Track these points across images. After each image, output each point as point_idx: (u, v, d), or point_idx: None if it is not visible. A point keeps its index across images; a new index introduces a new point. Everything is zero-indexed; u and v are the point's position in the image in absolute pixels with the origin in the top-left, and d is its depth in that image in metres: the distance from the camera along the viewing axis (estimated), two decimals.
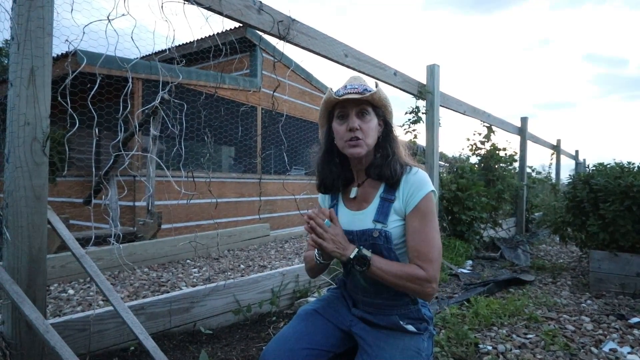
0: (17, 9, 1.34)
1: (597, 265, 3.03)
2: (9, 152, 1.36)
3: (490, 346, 1.98)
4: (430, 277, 1.05)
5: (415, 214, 1.10)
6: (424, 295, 1.09)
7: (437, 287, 1.08)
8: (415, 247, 1.08)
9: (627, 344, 2.03)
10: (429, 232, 1.09)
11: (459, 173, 4.56)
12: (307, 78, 8.36)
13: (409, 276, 1.04)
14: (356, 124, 1.15)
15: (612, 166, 3.31)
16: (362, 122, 1.16)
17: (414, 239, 1.09)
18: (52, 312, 2.48)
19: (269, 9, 2.13)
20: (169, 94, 1.91)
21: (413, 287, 1.06)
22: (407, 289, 1.08)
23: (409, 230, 1.11)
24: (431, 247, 1.07)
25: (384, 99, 1.19)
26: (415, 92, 3.71)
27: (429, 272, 1.04)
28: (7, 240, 1.35)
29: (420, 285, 1.05)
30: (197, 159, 5.56)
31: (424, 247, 1.07)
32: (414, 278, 1.04)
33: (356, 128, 1.14)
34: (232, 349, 1.93)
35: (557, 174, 9.03)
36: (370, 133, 1.17)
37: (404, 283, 1.05)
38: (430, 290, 1.06)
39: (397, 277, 1.05)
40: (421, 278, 1.04)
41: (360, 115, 1.16)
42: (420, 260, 1.06)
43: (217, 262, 4.07)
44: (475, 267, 3.85)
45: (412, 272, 1.05)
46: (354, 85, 1.17)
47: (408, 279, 1.04)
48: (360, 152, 1.16)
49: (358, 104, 1.16)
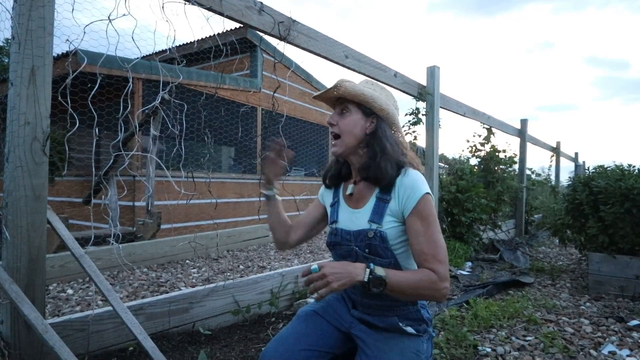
0: (18, 9, 1.34)
1: (597, 268, 3.03)
2: (8, 151, 1.36)
3: (489, 348, 1.98)
4: (443, 277, 1.02)
5: (416, 217, 1.08)
6: (439, 297, 1.04)
7: (450, 286, 1.08)
8: (422, 250, 1.06)
9: (626, 347, 2.03)
10: (433, 233, 1.07)
11: (459, 175, 4.56)
12: (308, 79, 8.36)
13: (425, 283, 1.01)
14: (333, 120, 1.17)
15: (613, 169, 3.31)
16: (340, 118, 1.18)
17: (419, 242, 1.07)
18: (51, 311, 2.48)
19: (269, 9, 2.13)
20: (169, 94, 1.91)
21: (429, 293, 1.02)
22: (424, 297, 1.06)
23: (412, 234, 1.09)
24: (438, 247, 1.06)
25: (357, 94, 1.13)
26: (416, 94, 3.71)
27: (440, 273, 1.02)
28: (6, 240, 1.35)
29: (436, 289, 1.02)
30: (197, 159, 5.55)
31: (431, 249, 1.05)
32: (429, 283, 1.01)
33: (332, 123, 1.17)
34: (231, 349, 1.92)
35: (556, 176, 9.03)
36: (346, 129, 1.15)
37: (422, 291, 1.02)
38: (445, 291, 1.03)
39: (414, 287, 1.01)
40: (436, 281, 1.01)
41: (340, 112, 1.19)
42: (430, 263, 1.04)
43: (217, 262, 4.07)
44: (474, 268, 3.84)
45: (427, 277, 1.01)
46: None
47: (425, 286, 1.01)
48: (336, 151, 1.18)
49: (341, 102, 1.18)
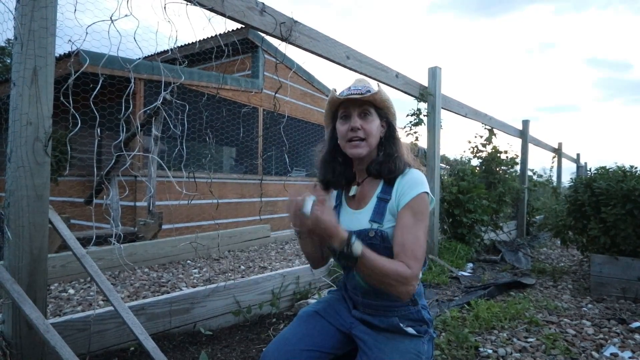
0: (21, 9, 1.35)
1: (598, 269, 3.03)
2: (11, 151, 1.36)
3: (491, 350, 1.98)
4: (415, 275, 1.02)
5: (407, 211, 1.09)
6: (404, 293, 1.03)
7: (417, 286, 1.07)
8: (403, 243, 1.05)
9: (628, 349, 2.02)
10: (418, 230, 1.07)
11: (460, 175, 4.56)
12: (309, 80, 8.37)
13: (396, 272, 1.00)
14: (358, 124, 1.17)
15: (615, 170, 3.30)
16: (364, 122, 1.18)
17: (402, 234, 1.07)
18: (53, 311, 2.48)
19: (271, 10, 2.14)
20: (171, 95, 1.92)
21: (395, 285, 1.01)
22: (388, 286, 1.02)
23: (398, 225, 1.09)
24: (419, 245, 1.05)
25: (385, 100, 1.20)
26: (417, 95, 3.71)
27: (413, 270, 1.02)
28: (8, 240, 1.36)
29: (404, 283, 1.00)
30: (198, 159, 5.56)
31: (411, 244, 1.04)
32: (400, 275, 1.00)
33: (358, 127, 1.17)
34: (232, 350, 1.93)
35: (558, 177, 9.01)
36: (372, 133, 1.18)
37: (388, 280, 1.00)
38: (411, 289, 1.02)
39: (383, 272, 0.99)
40: (408, 276, 1.00)
41: (363, 115, 1.19)
42: (407, 257, 1.03)
43: (218, 262, 4.07)
44: (475, 270, 3.84)
45: (400, 269, 1.00)
46: (357, 87, 1.19)
47: (395, 275, 0.99)
48: (360, 152, 1.18)
49: (360, 104, 1.18)
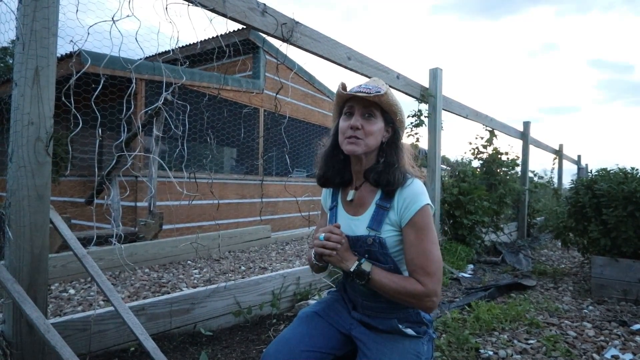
0: (23, 9, 1.35)
1: (599, 271, 3.02)
2: (12, 151, 1.36)
3: (491, 351, 1.98)
4: (430, 291, 1.04)
5: (411, 228, 1.09)
6: (424, 309, 1.10)
7: (438, 300, 1.07)
8: (413, 261, 1.08)
9: (629, 351, 2.02)
10: (426, 245, 1.08)
11: (461, 177, 4.55)
12: (310, 80, 8.37)
13: (407, 291, 1.05)
14: (359, 123, 1.12)
15: (616, 172, 3.30)
16: (366, 122, 1.14)
17: (411, 252, 1.09)
18: (53, 311, 2.49)
19: (272, 11, 2.14)
20: (172, 95, 1.92)
21: (413, 302, 1.07)
22: (408, 303, 1.09)
23: (406, 243, 1.10)
24: (429, 260, 1.06)
25: (393, 104, 1.15)
26: (418, 96, 3.71)
27: (427, 286, 1.04)
28: (9, 240, 1.36)
29: (420, 299, 1.05)
30: (199, 160, 5.56)
31: (421, 261, 1.07)
32: (412, 293, 1.05)
33: (358, 127, 1.12)
34: (232, 350, 1.92)
35: (559, 178, 9.00)
36: (371, 134, 1.14)
37: (404, 298, 1.06)
38: (430, 304, 1.06)
39: (396, 292, 1.06)
40: (420, 293, 1.04)
41: (366, 116, 1.14)
42: (419, 274, 1.06)
43: (218, 263, 4.07)
44: (476, 271, 3.83)
45: (411, 287, 1.05)
46: (368, 86, 1.15)
47: (407, 294, 1.05)
48: (355, 149, 1.13)
49: (366, 105, 1.14)
